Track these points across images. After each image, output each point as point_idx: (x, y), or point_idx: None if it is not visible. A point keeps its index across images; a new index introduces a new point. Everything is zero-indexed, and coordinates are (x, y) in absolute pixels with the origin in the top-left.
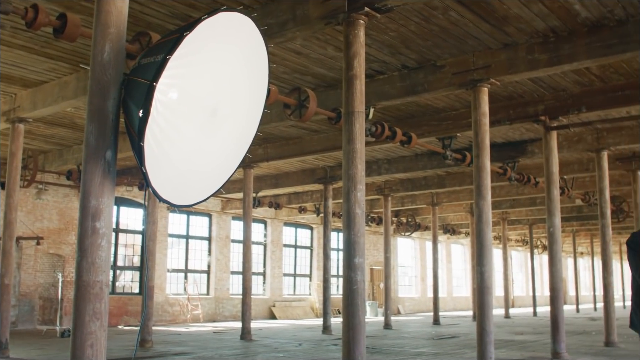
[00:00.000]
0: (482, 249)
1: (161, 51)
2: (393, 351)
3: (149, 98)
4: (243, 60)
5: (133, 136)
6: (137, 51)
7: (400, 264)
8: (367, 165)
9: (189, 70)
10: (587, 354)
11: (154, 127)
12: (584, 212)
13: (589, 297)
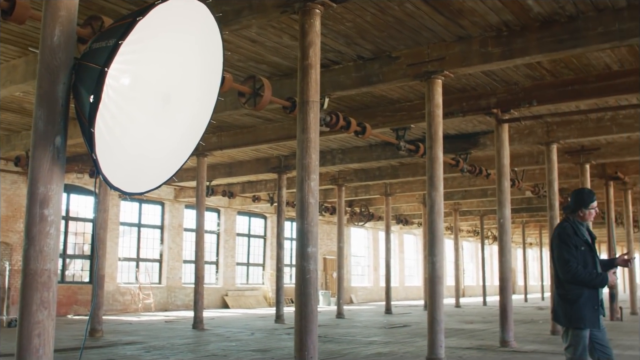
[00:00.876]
0: (433, 239)
1: (113, 36)
2: (345, 340)
3: (100, 83)
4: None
5: (83, 122)
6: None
7: (354, 253)
8: (321, 155)
9: (141, 56)
10: (534, 342)
11: (105, 113)
12: (533, 204)
13: (537, 287)
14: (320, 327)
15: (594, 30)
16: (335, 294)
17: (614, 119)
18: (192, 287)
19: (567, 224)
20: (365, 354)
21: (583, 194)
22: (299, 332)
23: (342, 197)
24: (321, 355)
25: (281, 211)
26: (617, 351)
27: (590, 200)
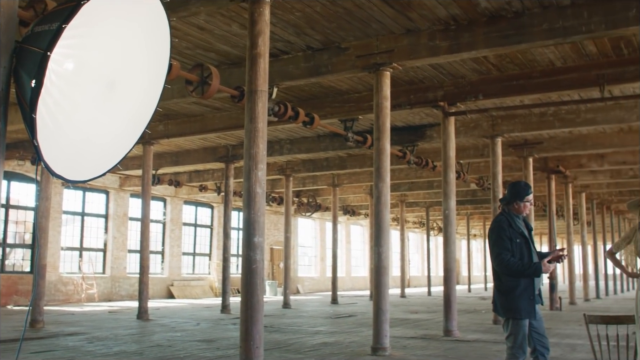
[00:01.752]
0: (380, 230)
1: (57, 19)
2: (291, 330)
3: (42, 68)
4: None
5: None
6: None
7: (301, 244)
8: (269, 145)
9: (86, 41)
10: (476, 331)
11: (48, 98)
12: (478, 196)
13: (480, 278)
14: (267, 317)
15: (538, 27)
16: (282, 284)
17: (557, 114)
18: (137, 277)
19: (503, 217)
20: (311, 344)
21: (519, 186)
22: (245, 322)
23: (289, 188)
24: (267, 345)
25: (228, 201)
26: (555, 339)
27: (525, 193)
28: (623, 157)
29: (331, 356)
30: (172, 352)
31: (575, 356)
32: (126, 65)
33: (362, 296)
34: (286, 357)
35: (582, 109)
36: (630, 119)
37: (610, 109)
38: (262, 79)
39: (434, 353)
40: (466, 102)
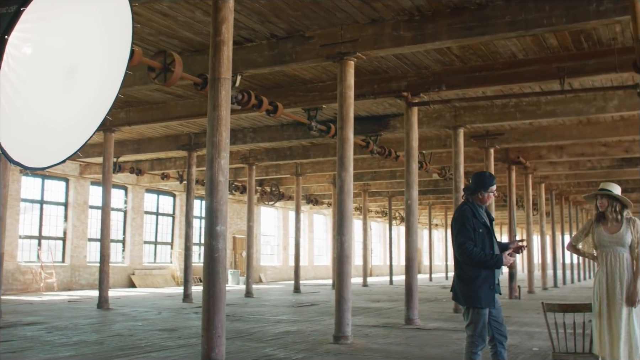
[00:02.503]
0: (342, 219)
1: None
2: (253, 319)
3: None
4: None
5: None
6: None
7: (263, 232)
8: (232, 134)
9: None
10: (437, 319)
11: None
12: (440, 186)
13: (441, 267)
14: (229, 306)
15: (501, 19)
16: (245, 273)
17: (518, 106)
18: (98, 266)
19: (467, 207)
20: (273, 333)
21: (484, 177)
22: (207, 311)
23: (252, 176)
24: (229, 334)
25: (190, 189)
26: (514, 327)
27: (490, 184)
28: (581, 148)
29: (293, 345)
30: (133, 341)
31: (533, 343)
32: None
33: (325, 285)
34: (248, 346)
35: (542, 101)
36: (589, 112)
37: (569, 101)
38: (226, 66)
39: (396, 341)
40: (429, 93)
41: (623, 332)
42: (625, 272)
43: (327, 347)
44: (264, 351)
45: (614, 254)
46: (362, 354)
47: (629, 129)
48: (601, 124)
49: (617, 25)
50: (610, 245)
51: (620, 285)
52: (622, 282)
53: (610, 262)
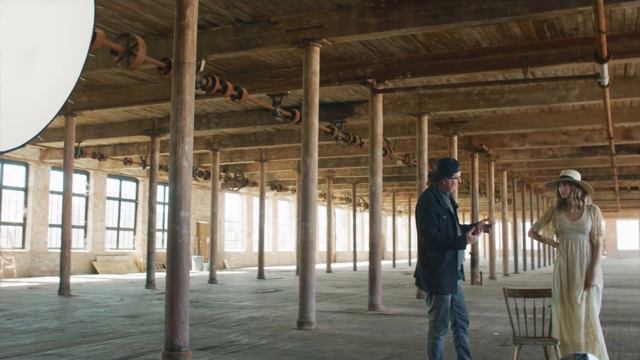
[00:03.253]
0: (307, 206)
1: None
2: (217, 305)
3: None
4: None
5: None
6: None
7: (227, 218)
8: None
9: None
10: (400, 305)
11: None
12: (404, 173)
13: (405, 253)
14: (192, 292)
15: (466, 7)
16: (208, 259)
17: (481, 94)
18: (59, 252)
19: (431, 193)
20: (237, 319)
21: (447, 163)
22: (170, 297)
23: (216, 162)
24: (192, 321)
25: (154, 175)
26: (476, 313)
27: (454, 170)
28: (543, 137)
29: (257, 330)
30: (94, 328)
31: (494, 328)
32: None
33: (289, 271)
34: (212, 332)
35: (505, 90)
36: (550, 101)
37: (532, 90)
38: (190, 50)
39: (359, 327)
40: (394, 80)
41: (582, 317)
42: (585, 258)
43: (291, 333)
44: (228, 337)
45: (574, 240)
46: (326, 339)
47: (590, 118)
48: (562, 113)
49: (580, 16)
50: (571, 232)
51: (580, 271)
52: (582, 268)
53: (570, 248)
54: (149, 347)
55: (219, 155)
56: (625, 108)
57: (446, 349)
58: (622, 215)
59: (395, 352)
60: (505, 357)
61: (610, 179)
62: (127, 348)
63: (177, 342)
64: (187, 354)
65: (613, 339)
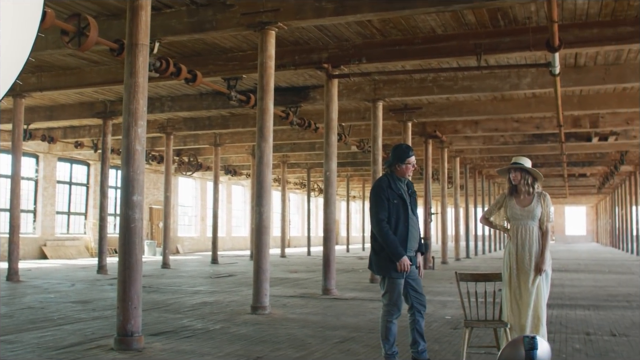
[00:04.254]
0: (261, 190)
1: None
2: (170, 290)
3: None
4: None
5: None
6: None
7: (181, 203)
8: (149, 102)
9: None
10: (354, 289)
11: None
12: (358, 158)
13: (358, 238)
14: (145, 278)
15: None
16: (161, 244)
17: (436, 81)
18: (7, 237)
19: (384, 178)
20: (191, 304)
21: (400, 149)
22: (122, 283)
23: (170, 146)
24: (145, 306)
25: (105, 158)
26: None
27: (406, 156)
28: (495, 124)
29: (211, 315)
30: (44, 314)
31: (446, 312)
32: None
33: (243, 256)
34: (165, 317)
35: (459, 77)
36: (503, 88)
37: (485, 77)
38: (144, 32)
39: (313, 311)
40: (350, 66)
41: (531, 301)
42: (534, 244)
43: (245, 318)
44: (181, 322)
45: (524, 227)
46: (280, 323)
47: (540, 106)
48: (514, 100)
49: (532, 5)
50: (522, 218)
51: (529, 256)
52: (531, 253)
53: (520, 234)
54: (101, 332)
55: (173, 139)
56: (575, 97)
57: (400, 332)
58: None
59: (349, 336)
60: (457, 340)
61: (559, 166)
62: (78, 334)
63: (129, 328)
64: (139, 339)
65: (560, 322)
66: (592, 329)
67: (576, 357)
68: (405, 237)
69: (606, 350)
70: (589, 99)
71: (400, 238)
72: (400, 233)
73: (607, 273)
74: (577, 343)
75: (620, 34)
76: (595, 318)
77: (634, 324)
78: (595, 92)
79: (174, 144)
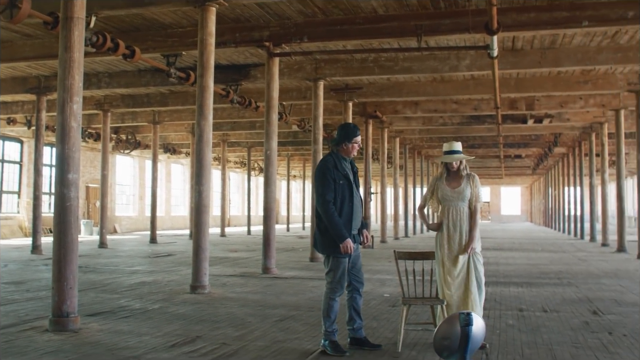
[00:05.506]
0: (201, 169)
1: None
2: (107, 270)
3: None
4: None
5: None
6: None
7: (119, 182)
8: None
9: None
10: (294, 268)
11: None
12: (299, 138)
13: (299, 217)
14: (82, 258)
15: None
16: (98, 224)
17: (377, 61)
18: None
19: (330, 157)
20: (129, 284)
21: (348, 128)
22: (58, 263)
23: (107, 123)
24: (82, 286)
25: (40, 135)
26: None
27: (354, 135)
28: (435, 105)
29: (149, 295)
30: None
31: (385, 290)
32: None
33: (182, 235)
34: (102, 297)
35: (400, 58)
36: (443, 70)
37: (425, 59)
38: (79, 5)
39: (253, 290)
40: (291, 44)
41: (463, 279)
42: (465, 224)
43: (184, 297)
44: (119, 302)
45: (455, 207)
46: (220, 303)
47: (479, 87)
48: (454, 82)
49: None
50: (452, 199)
51: (460, 236)
52: (462, 233)
53: (451, 215)
54: (35, 314)
55: (110, 116)
56: (512, 79)
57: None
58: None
59: (289, 315)
60: (395, 317)
61: (496, 147)
62: (11, 316)
63: (65, 309)
64: (75, 320)
65: (495, 299)
66: (524, 305)
67: (509, 332)
68: (350, 217)
69: (538, 326)
70: (525, 82)
71: (345, 218)
72: (346, 213)
73: (540, 251)
74: (511, 319)
75: (556, 19)
76: (528, 295)
77: (564, 300)
78: (532, 76)
79: (112, 122)
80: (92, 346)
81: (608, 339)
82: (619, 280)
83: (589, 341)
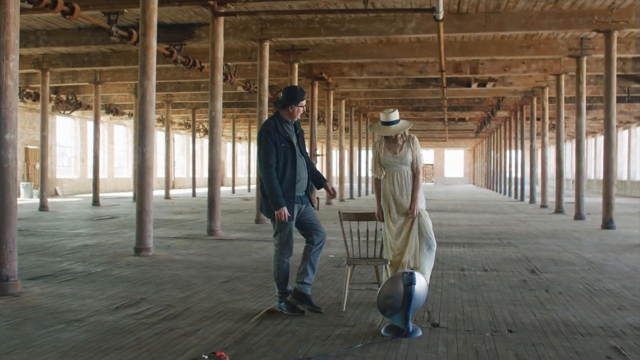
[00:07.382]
0: (144, 130)
1: None
2: (49, 233)
3: None
4: None
5: None
6: None
7: (59, 143)
8: (23, 35)
9: None
10: (239, 230)
11: None
12: (244, 99)
13: (244, 179)
14: (21, 221)
15: None
16: (39, 186)
17: (323, 22)
18: None
19: (271, 121)
20: (71, 247)
21: (295, 91)
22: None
23: (46, 83)
24: (22, 250)
25: None
26: None
27: (300, 98)
28: (380, 67)
29: (92, 258)
30: None
31: (330, 251)
32: None
33: (126, 198)
34: (43, 261)
35: (346, 19)
36: (389, 32)
37: (371, 21)
38: None
39: (198, 252)
40: (236, 4)
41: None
42: (409, 186)
43: (128, 260)
44: (61, 265)
45: (399, 172)
46: (164, 265)
47: (424, 50)
48: (399, 44)
49: None
50: (395, 164)
51: (407, 198)
52: (408, 195)
53: (397, 179)
54: None
55: (49, 75)
56: (457, 43)
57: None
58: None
59: (234, 276)
60: (340, 277)
61: (440, 110)
62: None
63: (4, 272)
64: (15, 284)
65: (437, 259)
66: (466, 265)
67: (451, 291)
68: (293, 179)
69: (478, 284)
70: (470, 45)
71: (288, 182)
72: (289, 176)
73: (482, 213)
74: (452, 278)
75: None
76: (469, 255)
77: (504, 260)
78: (476, 39)
79: (51, 81)
80: (33, 310)
81: (545, 297)
82: (556, 240)
83: (526, 298)
